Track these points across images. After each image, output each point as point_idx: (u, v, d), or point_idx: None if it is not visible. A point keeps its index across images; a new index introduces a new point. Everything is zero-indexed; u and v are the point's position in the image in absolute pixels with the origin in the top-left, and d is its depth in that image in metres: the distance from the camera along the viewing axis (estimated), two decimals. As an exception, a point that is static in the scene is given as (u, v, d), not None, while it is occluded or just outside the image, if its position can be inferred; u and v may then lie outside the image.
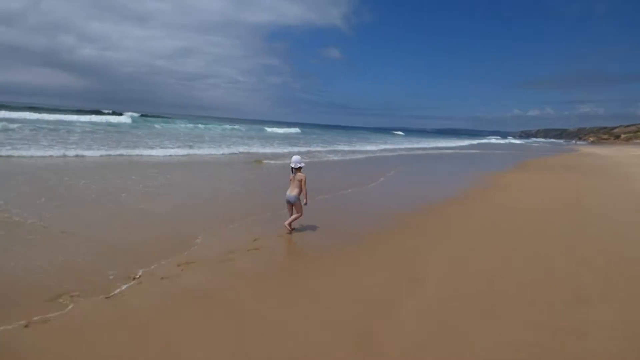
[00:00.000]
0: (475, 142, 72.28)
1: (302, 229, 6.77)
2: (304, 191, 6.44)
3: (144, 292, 4.13)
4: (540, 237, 6.94)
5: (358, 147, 32.07)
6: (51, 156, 13.26)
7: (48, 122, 28.01)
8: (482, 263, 5.51)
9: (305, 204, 6.52)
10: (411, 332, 3.59)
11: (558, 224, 7.99)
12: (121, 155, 15.14)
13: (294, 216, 6.50)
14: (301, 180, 6.42)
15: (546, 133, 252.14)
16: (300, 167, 6.48)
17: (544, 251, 6.15)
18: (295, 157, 6.57)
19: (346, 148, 30.24)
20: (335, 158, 21.64)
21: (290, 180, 6.57)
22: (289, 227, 6.46)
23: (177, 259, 5.07)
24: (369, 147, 32.94)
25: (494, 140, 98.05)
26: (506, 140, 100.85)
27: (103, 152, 14.86)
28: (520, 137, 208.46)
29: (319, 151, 25.17)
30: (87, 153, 14.41)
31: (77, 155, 13.86)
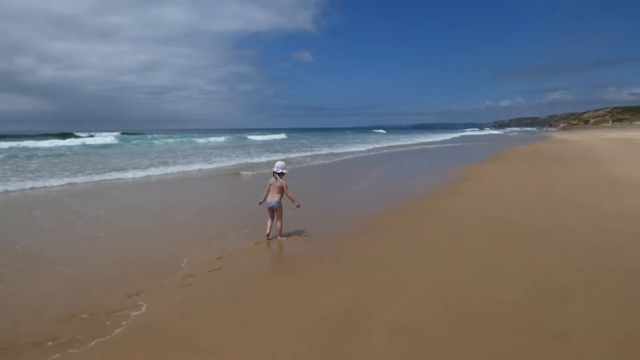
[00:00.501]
0: (457, 135, 74.09)
1: (275, 237, 6.52)
2: (289, 196, 6.47)
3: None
4: (518, 232, 6.74)
5: (347, 149, 31.77)
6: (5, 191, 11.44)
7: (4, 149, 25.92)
8: (458, 266, 5.23)
9: (298, 206, 6.52)
10: (383, 353, 3.26)
11: (534, 217, 7.77)
12: (87, 182, 13.38)
13: (278, 225, 6.53)
14: (282, 186, 6.46)
15: (519, 122, 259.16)
16: (282, 173, 6.52)
17: (522, 247, 5.94)
18: (280, 163, 6.66)
19: (336, 150, 29.98)
20: (321, 162, 21.11)
21: (270, 185, 6.53)
22: (268, 234, 6.49)
23: (128, 288, 4.60)
24: (356, 148, 32.87)
25: (472, 132, 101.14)
26: (485, 132, 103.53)
27: (67, 180, 13.27)
28: (494, 127, 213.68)
29: (304, 156, 24.62)
30: (49, 183, 12.81)
31: (32, 188, 11.91)
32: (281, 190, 6.46)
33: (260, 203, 6.65)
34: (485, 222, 7.44)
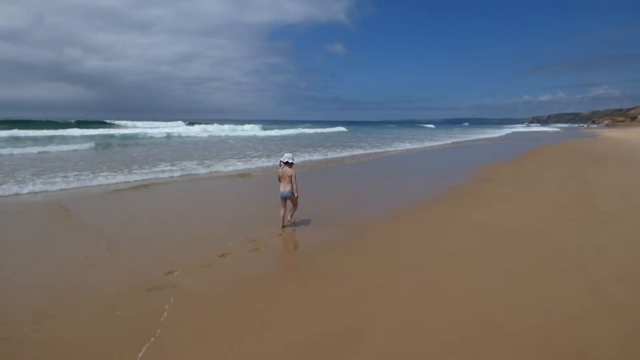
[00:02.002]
0: (509, 131, 73.36)
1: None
2: (294, 186, 6.73)
3: None
4: (541, 253, 5.56)
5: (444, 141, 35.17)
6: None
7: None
8: (450, 293, 4.26)
9: (296, 197, 6.87)
10: None
11: (565, 233, 6.53)
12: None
13: (290, 211, 7.03)
14: (291, 175, 6.71)
15: (558, 118, 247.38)
16: (289, 162, 6.75)
17: (542, 276, 4.78)
18: (288, 154, 6.90)
19: (438, 142, 33.22)
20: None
21: (280, 176, 6.78)
22: (283, 224, 6.78)
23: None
24: (448, 141, 36.32)
25: (523, 128, 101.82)
26: (540, 128, 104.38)
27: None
28: (532, 123, 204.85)
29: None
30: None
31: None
32: (291, 180, 6.70)
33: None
34: (505, 234, 6.31)
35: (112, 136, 32.14)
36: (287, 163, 6.71)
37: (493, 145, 30.38)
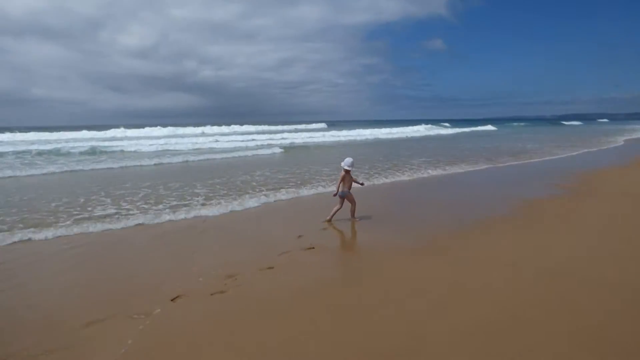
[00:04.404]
0: None
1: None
2: (350, 183, 7.54)
3: None
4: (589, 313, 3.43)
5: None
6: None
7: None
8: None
9: (362, 183, 8.19)
10: None
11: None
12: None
13: (351, 207, 7.61)
14: (343, 177, 7.44)
15: None
16: (348, 169, 7.41)
17: None
18: (348, 160, 7.46)
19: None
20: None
21: (342, 178, 7.44)
22: (331, 217, 7.49)
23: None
24: None
25: None
26: None
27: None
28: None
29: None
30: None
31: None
32: (350, 181, 7.50)
33: (334, 194, 7.55)
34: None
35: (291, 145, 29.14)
36: (345, 169, 7.39)
37: None
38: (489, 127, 65.69)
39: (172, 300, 4.29)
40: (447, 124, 74.54)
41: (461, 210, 8.33)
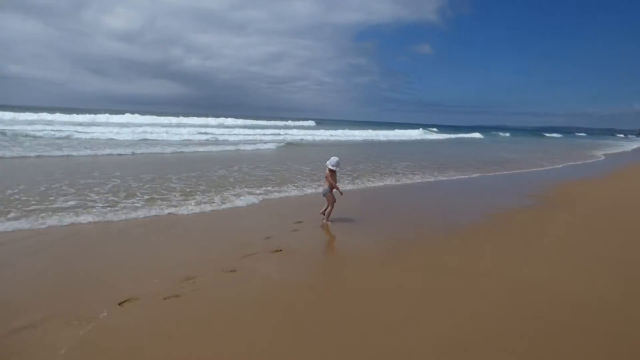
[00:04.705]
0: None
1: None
2: (334, 183, 7.23)
3: None
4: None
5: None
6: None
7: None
8: None
9: (342, 193, 7.47)
10: None
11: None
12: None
13: (328, 209, 7.33)
14: (327, 176, 7.21)
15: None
16: (332, 169, 7.20)
17: None
18: (334, 159, 7.25)
19: None
20: None
21: (327, 177, 7.24)
22: (324, 214, 7.36)
23: None
24: None
25: None
26: None
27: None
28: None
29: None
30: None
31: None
32: (333, 181, 7.21)
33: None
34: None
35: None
36: (329, 169, 7.19)
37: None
38: (477, 135, 66.99)
39: (119, 304, 3.95)
40: (435, 129, 75.45)
41: (443, 217, 8.22)
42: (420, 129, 64.11)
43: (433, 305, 4.16)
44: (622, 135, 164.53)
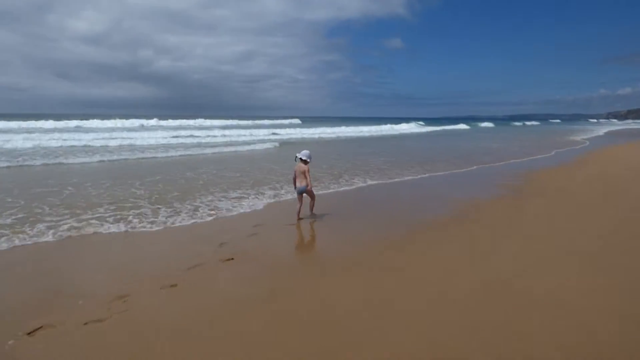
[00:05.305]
0: (613, 128, 67.60)
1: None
2: (308, 179, 7.01)
3: None
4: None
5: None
6: None
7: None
8: None
9: (311, 188, 7.18)
10: None
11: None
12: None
13: (310, 204, 7.38)
14: (304, 171, 7.03)
15: (638, 113, 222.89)
16: (304, 160, 7.07)
17: None
18: (305, 152, 7.20)
19: None
20: None
21: (295, 171, 7.15)
22: (299, 217, 7.16)
23: None
24: None
25: (618, 126, 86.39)
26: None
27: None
28: (607, 118, 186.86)
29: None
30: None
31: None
32: (304, 175, 7.01)
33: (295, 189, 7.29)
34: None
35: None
36: (302, 160, 7.06)
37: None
38: (463, 126, 67.50)
39: (28, 334, 3.39)
40: (422, 122, 75.62)
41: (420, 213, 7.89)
42: (413, 122, 65.65)
43: (391, 321, 3.72)
44: (595, 120, 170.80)
